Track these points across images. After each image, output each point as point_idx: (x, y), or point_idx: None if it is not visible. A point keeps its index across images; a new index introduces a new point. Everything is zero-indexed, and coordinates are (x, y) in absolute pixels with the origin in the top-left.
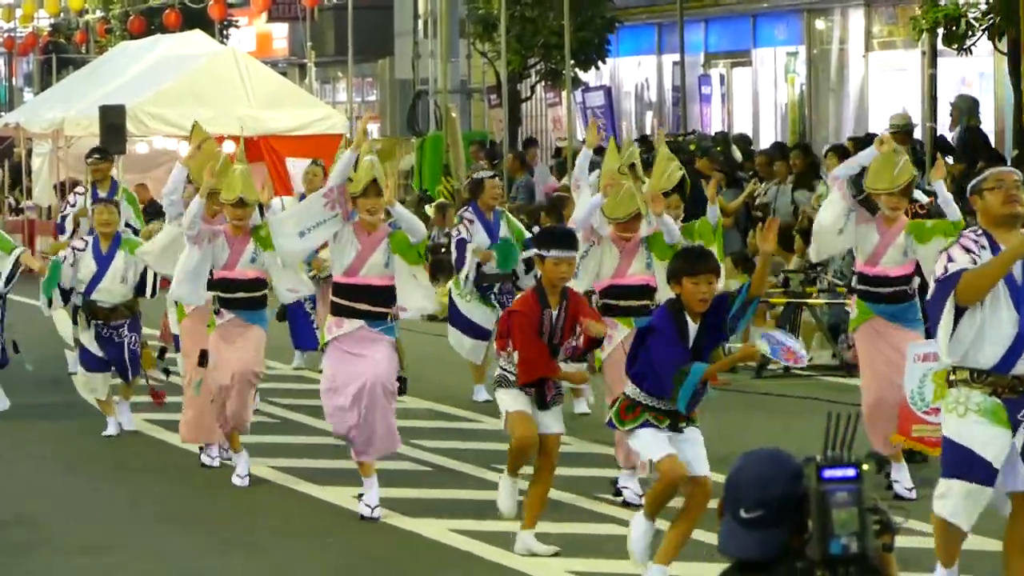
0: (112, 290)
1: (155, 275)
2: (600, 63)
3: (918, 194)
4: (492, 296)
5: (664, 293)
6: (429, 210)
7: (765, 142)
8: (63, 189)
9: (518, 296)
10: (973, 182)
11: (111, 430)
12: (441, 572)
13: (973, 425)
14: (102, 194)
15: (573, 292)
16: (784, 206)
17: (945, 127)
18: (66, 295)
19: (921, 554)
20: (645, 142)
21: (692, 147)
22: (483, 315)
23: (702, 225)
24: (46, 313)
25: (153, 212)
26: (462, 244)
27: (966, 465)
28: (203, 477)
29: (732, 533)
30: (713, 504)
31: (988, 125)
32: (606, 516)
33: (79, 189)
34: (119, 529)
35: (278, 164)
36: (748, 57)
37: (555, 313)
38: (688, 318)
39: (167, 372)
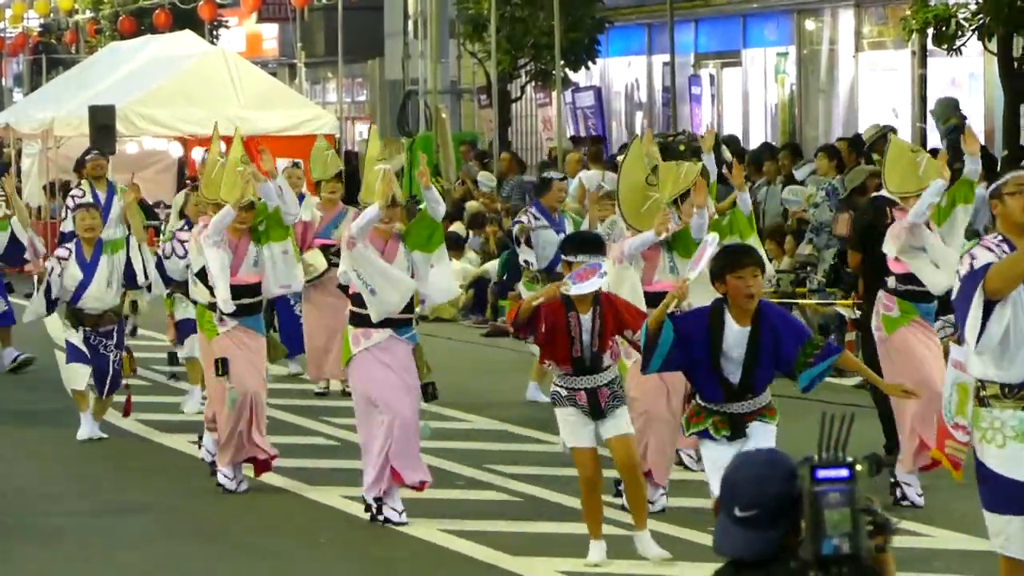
0: (100, 296)
1: (143, 258)
2: (590, 63)
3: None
4: None
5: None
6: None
7: (755, 142)
8: (53, 189)
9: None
10: (993, 186)
11: (84, 431)
12: (431, 572)
13: (1017, 453)
14: (100, 194)
15: (607, 297)
16: (774, 207)
17: (934, 132)
18: (51, 306)
19: (919, 554)
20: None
21: (682, 147)
22: None
23: (735, 217)
24: (26, 319)
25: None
26: (530, 239)
27: (1021, 499)
28: (200, 477)
29: (727, 532)
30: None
31: (978, 125)
32: None
33: (75, 192)
34: (118, 530)
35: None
36: (738, 57)
37: (585, 318)
38: (731, 320)
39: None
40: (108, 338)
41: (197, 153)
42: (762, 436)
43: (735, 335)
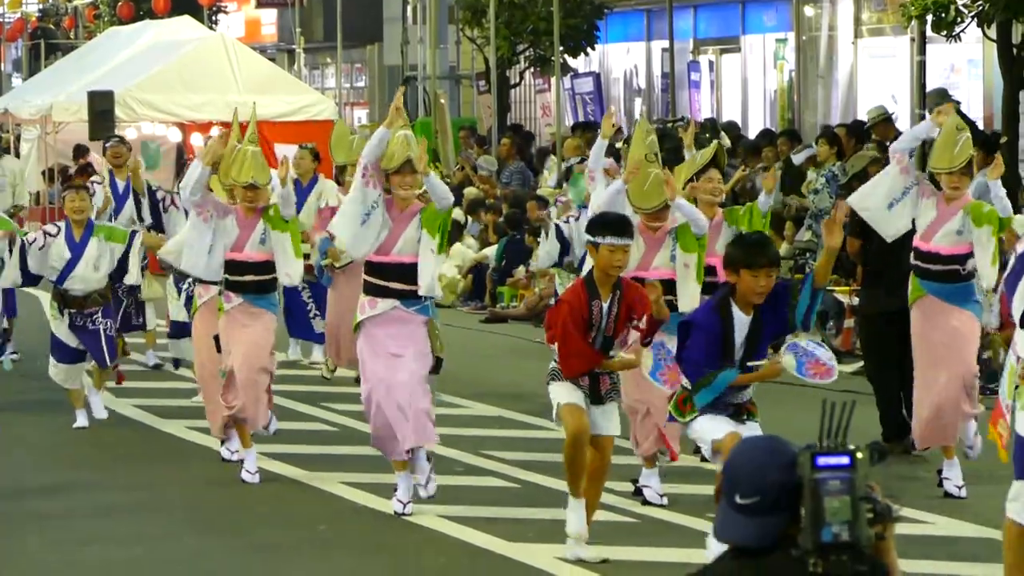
0: (86, 277)
1: (138, 260)
2: (589, 49)
3: None
4: None
5: (685, 287)
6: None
7: (754, 128)
8: (52, 175)
9: (568, 286)
10: None
11: (81, 421)
12: (429, 558)
13: None
14: (120, 182)
15: (627, 282)
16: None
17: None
18: (31, 279)
19: (916, 541)
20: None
21: (681, 133)
22: None
23: (750, 212)
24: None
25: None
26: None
27: None
28: (197, 464)
29: (728, 519)
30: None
31: (977, 112)
32: None
33: (96, 178)
34: (113, 519)
35: (266, 150)
36: (737, 44)
37: (605, 305)
38: (738, 310)
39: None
40: (93, 313)
41: (196, 138)
42: (753, 430)
43: (740, 325)
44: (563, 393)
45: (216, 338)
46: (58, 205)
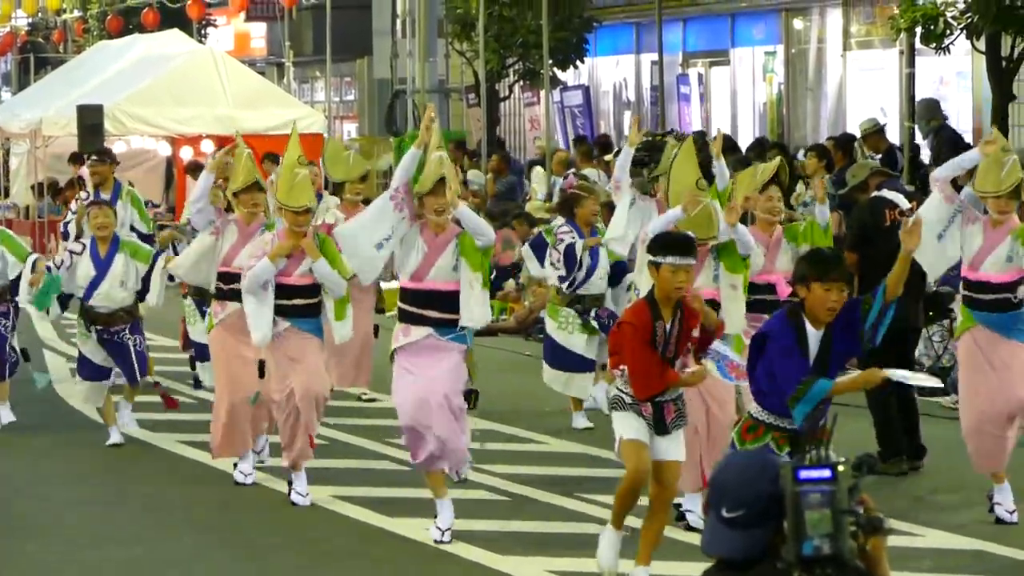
0: (111, 295)
1: (161, 281)
2: (578, 62)
3: (899, 198)
4: (590, 320)
5: (734, 308)
6: None
7: (743, 142)
8: (41, 189)
9: (628, 307)
10: None
11: (115, 438)
12: (419, 571)
13: None
14: (104, 197)
15: (687, 303)
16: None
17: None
18: (64, 301)
19: (910, 553)
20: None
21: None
22: (585, 344)
23: (811, 228)
24: (33, 313)
25: None
26: (571, 250)
27: None
28: (191, 476)
29: (714, 532)
30: None
31: (966, 124)
32: (586, 516)
33: (82, 194)
34: (109, 527)
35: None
36: (726, 56)
37: (668, 326)
38: (809, 325)
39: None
40: (121, 331)
41: (185, 152)
42: None
43: (812, 339)
44: (626, 427)
45: (261, 363)
46: (48, 219)
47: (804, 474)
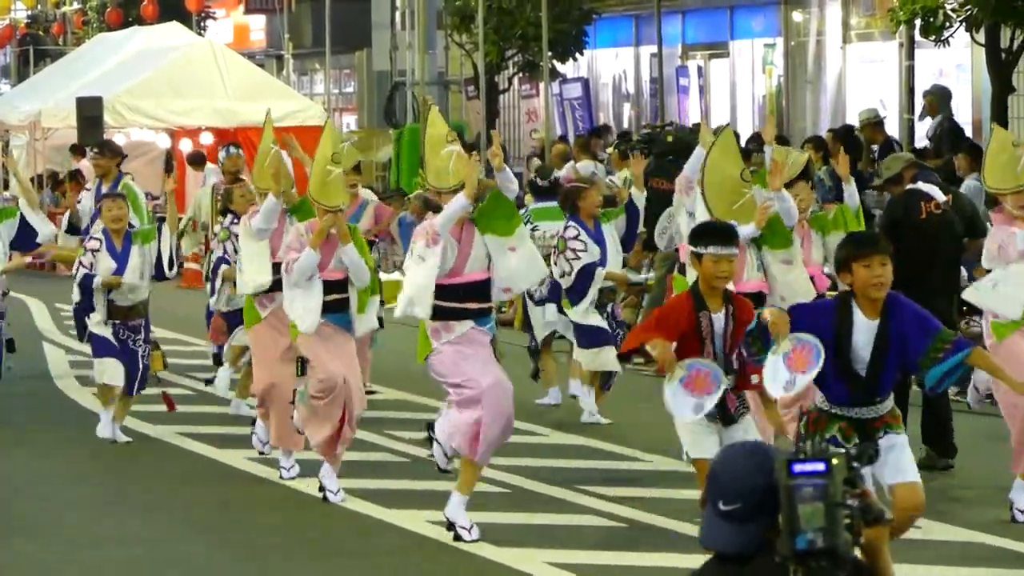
0: (132, 287)
1: (172, 252)
2: (577, 55)
3: (935, 191)
4: (605, 314)
5: (788, 277)
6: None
7: (743, 134)
8: (41, 181)
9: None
10: None
11: (106, 430)
12: (418, 562)
13: None
14: (106, 189)
15: (738, 297)
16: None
17: (920, 119)
18: (88, 298)
19: (912, 545)
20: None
21: (669, 139)
22: (605, 321)
23: (841, 213)
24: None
25: None
26: (589, 271)
27: None
28: (192, 472)
29: (712, 525)
30: None
31: (966, 116)
32: (584, 508)
33: (88, 186)
34: (109, 526)
35: (255, 156)
36: (726, 49)
37: (716, 316)
38: (862, 314)
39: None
40: (136, 332)
41: (185, 144)
42: (892, 443)
43: (863, 330)
44: (692, 440)
45: (300, 360)
46: (47, 211)
47: (798, 467)
